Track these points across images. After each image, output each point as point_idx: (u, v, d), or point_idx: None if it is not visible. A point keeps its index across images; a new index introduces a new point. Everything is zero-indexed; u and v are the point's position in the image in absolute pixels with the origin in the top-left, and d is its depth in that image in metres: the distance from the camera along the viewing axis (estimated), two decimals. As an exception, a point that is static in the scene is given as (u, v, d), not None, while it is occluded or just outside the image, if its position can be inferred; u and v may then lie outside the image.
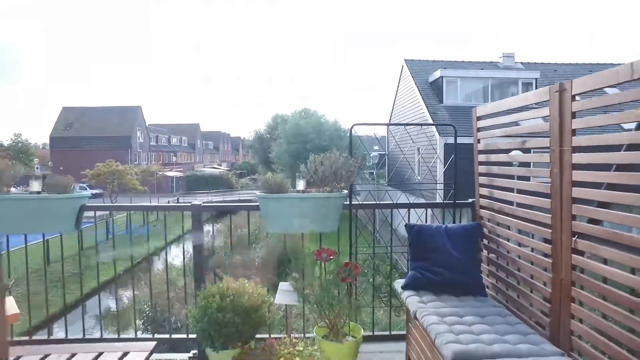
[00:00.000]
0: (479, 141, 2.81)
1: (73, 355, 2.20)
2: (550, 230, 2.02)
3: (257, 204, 2.89)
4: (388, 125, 4.83)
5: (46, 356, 2.18)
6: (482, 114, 2.74)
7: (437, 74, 18.79)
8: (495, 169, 2.66)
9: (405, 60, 21.60)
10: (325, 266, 2.67)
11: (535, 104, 2.20)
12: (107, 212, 27.65)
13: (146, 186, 35.75)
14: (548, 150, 1.97)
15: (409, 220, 3.04)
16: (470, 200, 3.04)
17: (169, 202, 34.01)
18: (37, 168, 48.25)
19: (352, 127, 2.99)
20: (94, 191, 37.94)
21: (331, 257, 2.71)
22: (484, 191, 2.78)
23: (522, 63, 21.44)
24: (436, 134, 15.27)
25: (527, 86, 18.82)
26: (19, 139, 57.69)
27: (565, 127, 1.85)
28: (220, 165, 73.57)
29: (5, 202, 2.90)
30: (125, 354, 2.20)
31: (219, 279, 2.99)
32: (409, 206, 3.12)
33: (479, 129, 2.79)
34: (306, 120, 26.83)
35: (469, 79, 19.09)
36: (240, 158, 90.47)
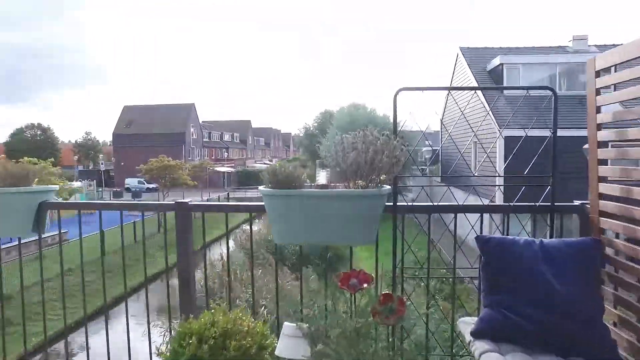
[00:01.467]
0: (598, 110, 1.78)
1: None
2: None
3: (262, 203, 2.06)
4: (449, 89, 3.82)
5: None
6: (609, 64, 1.71)
7: (496, 61, 17.03)
8: (634, 153, 1.63)
9: (461, 48, 19.90)
10: (354, 298, 1.77)
11: None
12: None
13: (198, 181, 36.43)
14: None
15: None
16: (578, 202, 2.02)
17: (219, 197, 34.50)
18: (101, 163, 51.25)
19: (396, 94, 2.06)
20: (150, 185, 39.44)
21: (365, 285, 1.81)
22: (607, 189, 1.75)
23: (596, 46, 19.00)
24: (495, 125, 13.70)
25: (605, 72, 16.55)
26: (89, 137, 61.83)
27: None
28: (271, 160, 74.46)
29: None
30: None
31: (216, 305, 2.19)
32: (483, 210, 2.12)
33: (600, 90, 1.76)
34: (357, 111, 25.86)
35: (532, 66, 17.11)
36: (290, 154, 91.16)
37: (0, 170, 2.22)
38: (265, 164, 65.44)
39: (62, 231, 2.54)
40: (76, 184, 30.91)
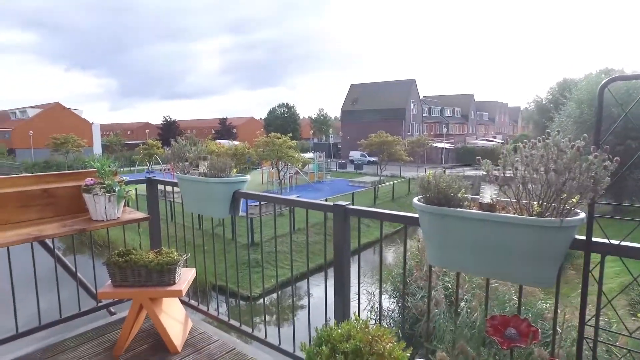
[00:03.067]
0: None
1: None
2: None
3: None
4: None
5: None
6: None
7: None
8: None
9: None
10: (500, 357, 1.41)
11: None
12: (376, 180, 30.17)
13: (415, 157, 36.83)
14: None
15: None
16: None
17: (434, 173, 33.93)
18: (331, 137, 57.32)
19: (605, 85, 1.46)
20: (371, 159, 42.26)
21: (527, 340, 1.42)
22: None
23: None
24: None
25: None
26: (322, 113, 70.46)
27: None
28: (494, 137, 68.52)
29: (182, 181, 2.92)
30: None
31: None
32: None
33: None
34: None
35: None
36: (518, 130, 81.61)
37: (211, 164, 2.71)
38: (488, 140, 60.59)
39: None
40: (309, 155, 35.75)
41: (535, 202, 1.53)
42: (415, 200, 1.78)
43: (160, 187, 3.52)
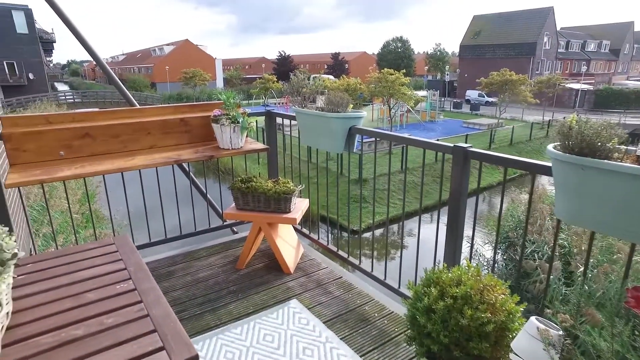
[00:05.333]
0: None
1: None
2: None
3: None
4: None
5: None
6: None
7: None
8: None
9: None
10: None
11: None
12: (494, 122, 27.75)
13: (542, 99, 32.78)
14: None
15: None
16: None
17: (578, 118, 29.87)
18: (447, 74, 53.65)
19: None
20: (489, 99, 38.73)
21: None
22: None
23: None
24: None
25: None
26: (438, 48, 65.50)
27: None
28: (652, 77, 57.05)
29: (300, 115, 3.02)
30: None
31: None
32: None
33: None
34: None
35: None
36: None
37: (329, 99, 2.73)
38: (641, 81, 50.67)
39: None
40: (422, 92, 34.02)
41: None
42: (550, 147, 1.59)
43: (277, 120, 3.69)
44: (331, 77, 37.93)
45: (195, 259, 3.27)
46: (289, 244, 3.20)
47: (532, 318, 1.43)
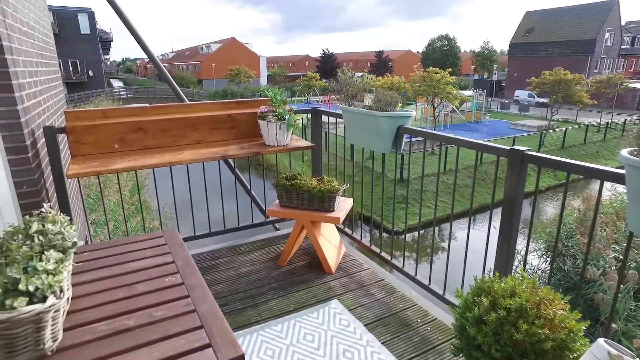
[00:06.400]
0: None
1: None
2: None
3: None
4: None
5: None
6: None
7: None
8: None
9: None
10: None
11: None
12: (544, 124, 26.41)
13: (601, 99, 30.84)
14: None
15: None
16: None
17: (625, 122, 28.07)
18: (494, 73, 51.69)
19: None
20: (540, 100, 36.88)
21: None
22: None
23: None
24: None
25: None
26: (486, 46, 63.24)
27: None
28: None
29: (347, 113, 2.98)
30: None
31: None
32: None
33: None
34: None
35: None
36: None
37: (377, 97, 2.67)
38: None
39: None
40: (468, 92, 32.95)
41: None
42: (625, 152, 1.46)
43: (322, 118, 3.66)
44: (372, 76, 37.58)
45: (238, 254, 3.31)
46: (331, 243, 3.18)
47: (600, 340, 1.31)
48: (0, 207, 2.13)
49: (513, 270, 2.09)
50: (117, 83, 65.93)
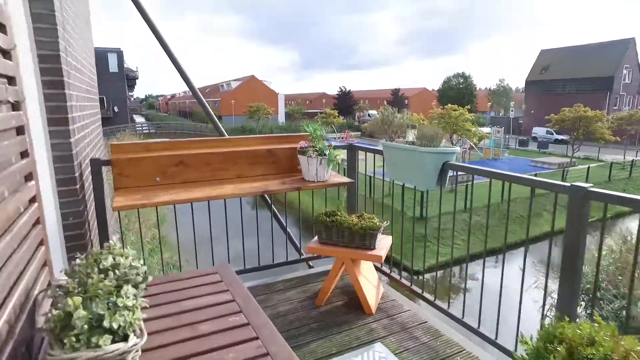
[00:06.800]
0: None
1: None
2: None
3: None
4: None
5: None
6: None
7: None
8: None
9: None
10: None
11: None
12: (565, 161, 26.01)
13: (623, 136, 30.45)
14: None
15: None
16: None
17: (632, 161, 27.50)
18: (511, 110, 51.79)
19: None
20: (559, 137, 36.53)
21: None
22: None
23: None
24: None
25: None
26: (502, 84, 63.83)
27: None
28: None
29: (388, 149, 2.95)
30: None
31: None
32: None
33: None
34: None
35: None
36: None
37: (421, 133, 2.65)
38: None
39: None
40: (485, 129, 32.91)
41: None
42: None
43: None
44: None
45: (274, 292, 3.22)
46: (370, 283, 3.07)
47: None
48: (50, 239, 2.12)
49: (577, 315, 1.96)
50: (139, 118, 68.13)
